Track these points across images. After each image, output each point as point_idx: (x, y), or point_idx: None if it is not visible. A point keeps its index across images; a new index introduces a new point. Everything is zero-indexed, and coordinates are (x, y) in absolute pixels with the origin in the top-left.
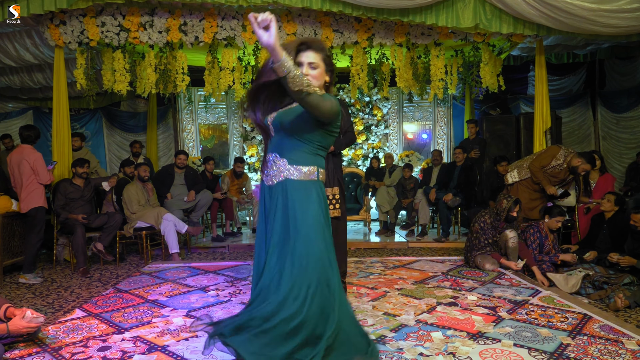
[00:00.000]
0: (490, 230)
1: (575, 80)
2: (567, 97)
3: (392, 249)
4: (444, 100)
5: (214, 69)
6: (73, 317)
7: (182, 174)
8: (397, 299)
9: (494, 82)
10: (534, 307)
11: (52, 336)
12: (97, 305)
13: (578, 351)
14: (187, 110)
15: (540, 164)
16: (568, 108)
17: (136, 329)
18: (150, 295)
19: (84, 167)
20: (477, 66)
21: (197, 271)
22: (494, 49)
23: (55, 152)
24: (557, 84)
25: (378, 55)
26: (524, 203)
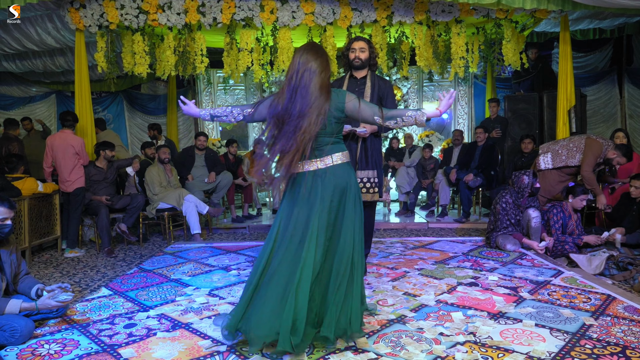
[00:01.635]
0: (512, 210)
1: (601, 57)
2: (592, 75)
3: (412, 229)
4: (465, 79)
5: (232, 50)
6: (99, 295)
7: (203, 155)
8: (417, 279)
9: (517, 59)
10: (556, 288)
11: (80, 313)
12: (122, 284)
13: (601, 332)
14: (207, 92)
15: (591, 167)
16: (593, 86)
17: (160, 307)
18: (173, 274)
19: (113, 150)
20: (499, 44)
21: (218, 251)
22: (516, 26)
23: (78, 134)
24: (582, 61)
25: (397, 34)
26: (553, 187)
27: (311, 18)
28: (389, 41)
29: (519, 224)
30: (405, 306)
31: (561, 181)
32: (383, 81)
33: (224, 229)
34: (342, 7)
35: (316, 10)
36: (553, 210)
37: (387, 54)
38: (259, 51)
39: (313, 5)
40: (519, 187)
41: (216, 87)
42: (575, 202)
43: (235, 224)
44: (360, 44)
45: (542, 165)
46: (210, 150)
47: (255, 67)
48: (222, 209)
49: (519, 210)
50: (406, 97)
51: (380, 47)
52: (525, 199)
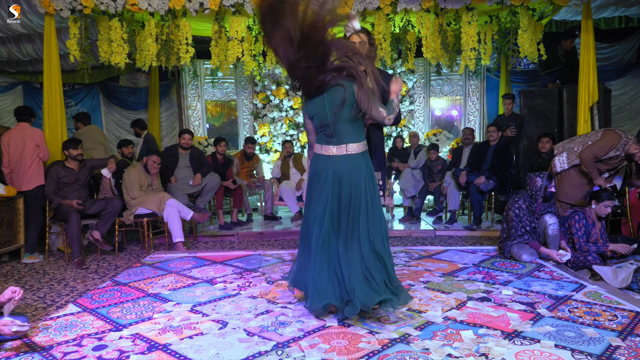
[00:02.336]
0: (527, 216)
1: (627, 48)
2: (617, 67)
3: (418, 237)
4: (477, 72)
5: (221, 39)
6: (66, 312)
7: (187, 155)
8: (422, 293)
9: (534, 51)
10: (577, 304)
11: (43, 334)
12: (92, 299)
13: (629, 354)
14: (192, 86)
15: (595, 153)
16: (618, 80)
17: (135, 326)
18: (151, 288)
19: (77, 148)
20: (514, 33)
21: (203, 262)
22: (533, 14)
23: (47, 131)
24: (606, 53)
25: (403, 22)
26: (574, 189)
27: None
28: (394, 30)
29: (535, 232)
30: (409, 324)
31: (582, 183)
32: (384, 74)
33: (210, 236)
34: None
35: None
36: (575, 217)
37: (391, 44)
38: (251, 41)
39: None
40: (531, 191)
41: (203, 80)
42: (599, 208)
43: (222, 231)
44: (360, 37)
45: (558, 167)
46: (195, 150)
47: (246, 58)
48: (209, 214)
49: (534, 216)
50: (412, 91)
51: (384, 37)
52: (539, 204)
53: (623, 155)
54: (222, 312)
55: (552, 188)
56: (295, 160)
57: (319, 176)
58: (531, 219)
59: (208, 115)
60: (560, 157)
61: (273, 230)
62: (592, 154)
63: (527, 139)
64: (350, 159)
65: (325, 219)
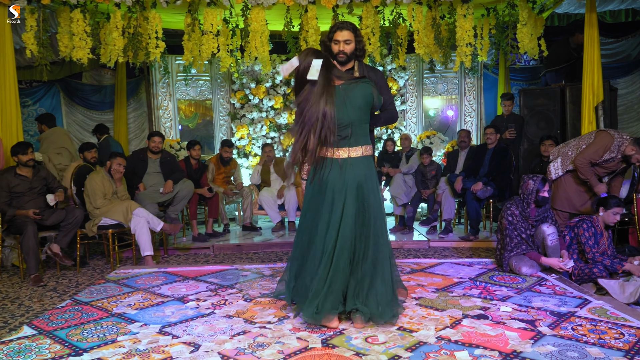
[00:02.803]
0: (521, 222)
1: (634, 43)
2: (624, 64)
3: (410, 249)
4: (473, 69)
5: (194, 32)
6: (20, 335)
7: (157, 160)
8: (414, 310)
9: (534, 46)
10: (581, 321)
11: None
12: (50, 320)
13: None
14: (163, 83)
15: (590, 158)
16: (625, 77)
17: (97, 350)
18: (116, 307)
19: (27, 153)
20: (513, 28)
21: (174, 277)
22: (534, 6)
23: (0, 133)
24: (611, 48)
25: (393, 15)
26: (572, 196)
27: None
28: (383, 24)
29: (532, 240)
30: (399, 344)
31: (579, 190)
32: (373, 71)
33: (182, 249)
34: None
35: None
36: (583, 226)
37: (381, 39)
38: (227, 35)
39: None
40: (523, 194)
41: (175, 78)
42: (607, 215)
43: (196, 243)
44: (345, 35)
45: (553, 174)
46: (166, 154)
47: (222, 53)
48: (181, 225)
49: (529, 223)
50: (403, 90)
51: (372, 32)
52: (532, 209)
53: (620, 157)
54: (194, 334)
55: (544, 192)
56: (277, 165)
57: (328, 181)
58: (526, 226)
59: (181, 116)
60: (555, 163)
61: (252, 242)
62: (587, 160)
63: (527, 141)
64: (366, 161)
65: (343, 225)
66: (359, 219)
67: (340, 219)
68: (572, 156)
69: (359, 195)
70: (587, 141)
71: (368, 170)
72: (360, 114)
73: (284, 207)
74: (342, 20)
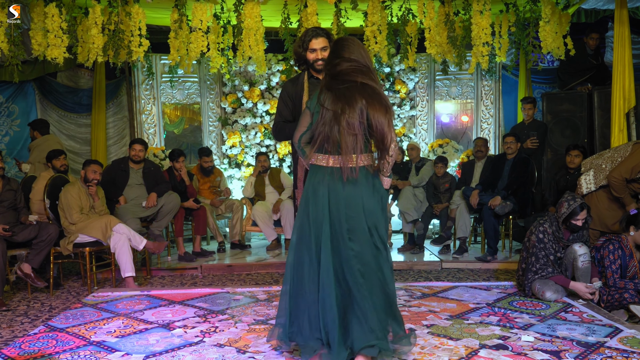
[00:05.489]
0: (552, 242)
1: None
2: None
3: (420, 271)
4: (490, 71)
5: (181, 30)
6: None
7: (140, 170)
8: (425, 339)
9: (559, 45)
10: (612, 352)
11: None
12: (20, 349)
13: None
14: (147, 85)
15: (625, 174)
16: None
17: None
18: (94, 335)
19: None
20: (535, 25)
21: (158, 301)
22: (558, 2)
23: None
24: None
25: (402, 11)
26: (604, 213)
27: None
28: (390, 20)
29: (561, 264)
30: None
31: (612, 207)
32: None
33: (167, 270)
34: None
35: None
36: (609, 247)
37: (388, 37)
38: (218, 32)
39: None
40: (557, 214)
41: (160, 79)
42: (637, 235)
43: (183, 263)
44: (321, 42)
45: (584, 188)
46: (150, 163)
47: (212, 52)
48: (166, 243)
49: (560, 245)
50: (413, 94)
51: (379, 29)
52: (565, 232)
53: None
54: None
55: (578, 221)
56: (272, 176)
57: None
58: (557, 248)
59: (166, 121)
60: (586, 176)
61: (245, 263)
62: (621, 176)
63: (551, 151)
64: (364, 171)
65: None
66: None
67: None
68: (606, 170)
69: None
70: (622, 154)
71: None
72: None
73: (280, 223)
74: (314, 27)
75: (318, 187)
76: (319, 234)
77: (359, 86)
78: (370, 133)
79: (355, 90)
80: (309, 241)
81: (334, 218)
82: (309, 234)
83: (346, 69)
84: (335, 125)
